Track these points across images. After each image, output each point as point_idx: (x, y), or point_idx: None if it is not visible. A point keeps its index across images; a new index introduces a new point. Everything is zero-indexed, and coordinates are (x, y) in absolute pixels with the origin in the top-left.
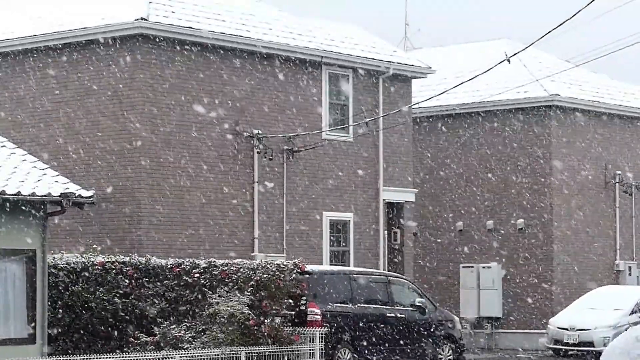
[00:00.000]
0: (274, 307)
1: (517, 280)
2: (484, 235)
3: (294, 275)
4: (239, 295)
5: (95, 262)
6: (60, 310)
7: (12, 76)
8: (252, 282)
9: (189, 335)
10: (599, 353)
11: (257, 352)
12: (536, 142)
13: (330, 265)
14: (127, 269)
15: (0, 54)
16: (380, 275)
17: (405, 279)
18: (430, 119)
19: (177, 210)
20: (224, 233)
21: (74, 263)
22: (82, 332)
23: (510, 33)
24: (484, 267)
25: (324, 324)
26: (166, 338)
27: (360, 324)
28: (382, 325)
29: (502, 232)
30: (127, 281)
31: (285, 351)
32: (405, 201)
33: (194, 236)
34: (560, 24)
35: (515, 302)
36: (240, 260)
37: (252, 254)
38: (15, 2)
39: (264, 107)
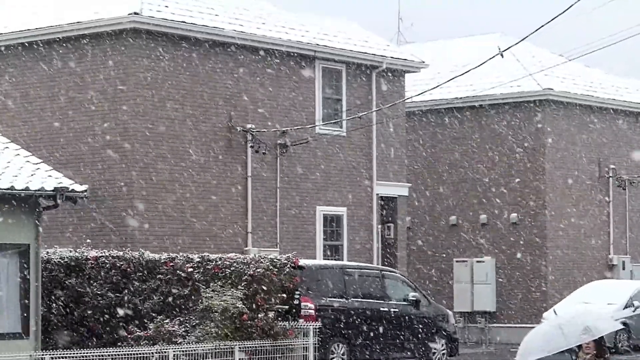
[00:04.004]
0: (267, 302)
1: (511, 275)
2: (478, 230)
3: (287, 269)
4: (232, 289)
5: (88, 257)
6: (54, 305)
7: (5, 70)
8: (246, 277)
9: (183, 329)
10: None
11: (250, 347)
12: (529, 136)
13: (324, 259)
14: (121, 263)
15: None
16: (374, 270)
17: (398, 273)
18: (424, 114)
19: (170, 205)
20: (218, 227)
21: (67, 257)
22: (75, 326)
23: (503, 27)
24: (477, 262)
25: (318, 318)
26: (160, 332)
27: (354, 319)
28: (376, 320)
29: (496, 226)
30: (120, 276)
31: (278, 345)
32: (399, 195)
33: (187, 231)
34: (553, 18)
35: (508, 296)
36: (233, 254)
37: (246, 249)
38: None
39: (257, 101)
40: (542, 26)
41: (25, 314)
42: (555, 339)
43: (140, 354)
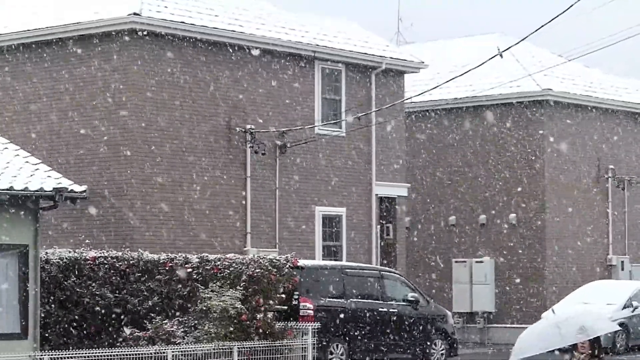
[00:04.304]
0: (266, 302)
1: (510, 275)
2: (477, 230)
3: (286, 270)
4: (231, 290)
5: (87, 257)
6: (53, 306)
7: (4, 71)
8: (245, 277)
9: (182, 330)
10: None
11: (249, 347)
12: (529, 137)
13: (323, 260)
14: (120, 264)
15: None
16: (373, 270)
17: (397, 274)
18: (423, 114)
19: (169, 205)
20: (217, 228)
21: (66, 258)
22: (74, 327)
23: (503, 27)
24: (476, 262)
25: (317, 319)
26: (158, 333)
27: (353, 319)
28: (375, 320)
29: (495, 226)
30: (119, 276)
31: (277, 346)
32: (398, 196)
33: (186, 231)
34: (553, 19)
35: (508, 296)
36: (232, 255)
37: (245, 249)
38: None
39: (256, 102)
40: (542, 26)
41: (24, 315)
42: (551, 338)
43: (139, 354)
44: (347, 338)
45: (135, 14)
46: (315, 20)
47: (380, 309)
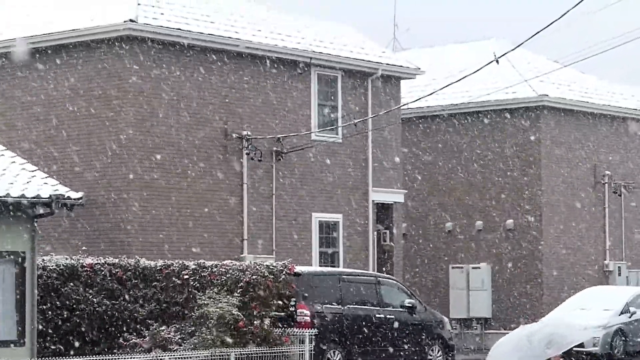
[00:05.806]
0: (263, 309)
1: (507, 281)
2: (474, 236)
3: (283, 276)
4: (228, 296)
5: (84, 264)
6: (50, 312)
7: (0, 78)
8: (242, 284)
9: (179, 336)
10: (590, 354)
11: (246, 354)
12: (525, 143)
13: (320, 266)
14: (117, 270)
15: None
16: (370, 276)
17: (394, 280)
18: (420, 120)
19: (166, 212)
20: (213, 234)
21: (63, 265)
22: (71, 334)
23: (500, 33)
24: (473, 268)
25: (314, 325)
26: (155, 340)
27: (350, 325)
28: (372, 326)
29: (492, 232)
30: (116, 283)
31: (275, 352)
32: (395, 202)
33: (183, 238)
34: (549, 25)
35: (505, 302)
36: (229, 261)
37: (242, 255)
38: (4, 4)
39: (253, 108)
40: (538, 32)
41: (21, 321)
42: (523, 351)
43: None
44: (344, 344)
45: (131, 20)
46: (312, 24)
47: (377, 315)
